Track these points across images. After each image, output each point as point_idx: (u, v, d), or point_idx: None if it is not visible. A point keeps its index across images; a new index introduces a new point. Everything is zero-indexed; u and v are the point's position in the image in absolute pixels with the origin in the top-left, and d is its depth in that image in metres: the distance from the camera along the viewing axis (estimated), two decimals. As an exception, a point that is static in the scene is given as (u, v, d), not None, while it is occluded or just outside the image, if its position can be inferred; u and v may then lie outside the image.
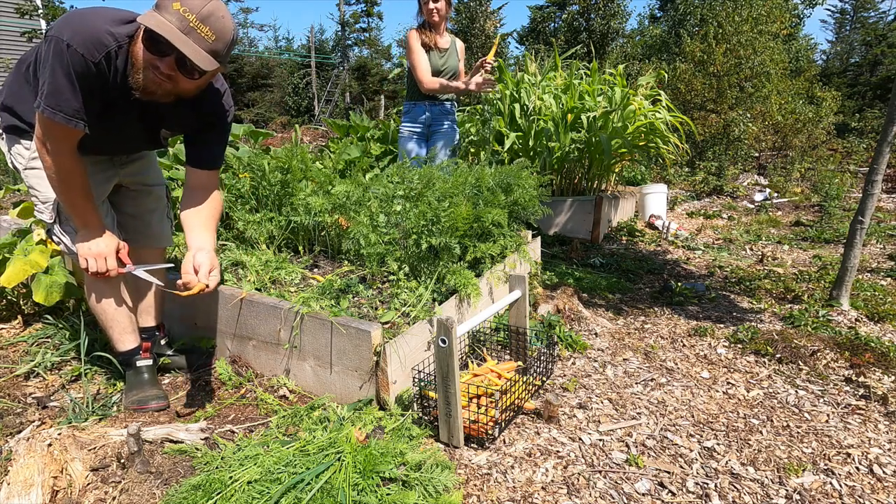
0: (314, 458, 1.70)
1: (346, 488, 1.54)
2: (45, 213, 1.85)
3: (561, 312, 3.18)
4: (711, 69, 10.00)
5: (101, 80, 1.47)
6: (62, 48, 1.38)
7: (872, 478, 1.83)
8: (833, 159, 11.59)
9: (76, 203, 1.68)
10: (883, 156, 3.20)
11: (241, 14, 33.00)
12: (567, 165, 5.84)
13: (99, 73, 1.46)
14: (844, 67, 29.13)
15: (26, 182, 1.84)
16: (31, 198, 1.87)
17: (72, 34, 1.40)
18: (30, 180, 1.83)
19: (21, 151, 1.79)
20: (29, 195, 1.89)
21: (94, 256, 1.72)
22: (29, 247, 2.54)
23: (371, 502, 1.53)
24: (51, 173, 1.60)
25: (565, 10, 18.13)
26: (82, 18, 1.44)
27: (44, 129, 1.51)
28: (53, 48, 1.39)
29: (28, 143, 1.77)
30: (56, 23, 1.44)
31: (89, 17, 1.45)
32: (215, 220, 1.88)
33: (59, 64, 1.39)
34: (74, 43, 1.39)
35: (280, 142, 7.63)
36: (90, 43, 1.41)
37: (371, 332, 2.00)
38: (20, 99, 1.72)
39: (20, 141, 1.78)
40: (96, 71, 1.44)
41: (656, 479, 1.81)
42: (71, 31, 1.40)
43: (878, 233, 6.01)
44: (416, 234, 2.49)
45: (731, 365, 2.71)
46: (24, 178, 1.83)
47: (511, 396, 2.11)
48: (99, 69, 1.45)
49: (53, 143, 1.51)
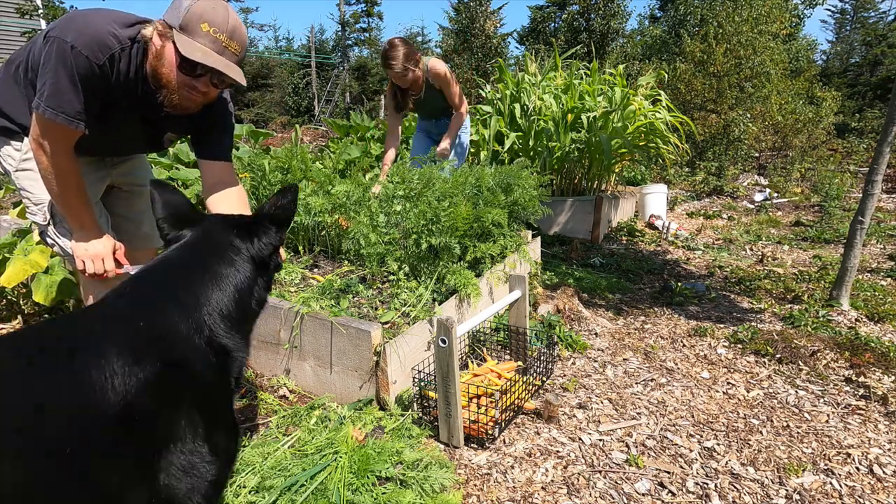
0: (311, 459, 1.70)
1: (340, 489, 1.54)
2: (37, 214, 1.82)
3: (561, 312, 3.18)
4: (711, 69, 10.00)
5: (104, 82, 1.48)
6: (65, 49, 1.38)
7: (872, 478, 1.83)
8: (833, 159, 11.59)
9: (72, 203, 1.66)
10: (883, 156, 3.20)
11: (241, 14, 33.03)
12: (567, 165, 5.84)
13: (102, 76, 1.46)
14: (844, 67, 29.14)
15: (17, 184, 1.79)
16: (23, 200, 1.83)
17: (76, 36, 1.39)
18: (21, 182, 1.78)
19: (11, 153, 1.75)
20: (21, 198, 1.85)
21: (92, 258, 1.70)
22: (29, 247, 2.54)
23: (366, 502, 1.53)
24: (47, 174, 1.58)
25: (565, 10, 18.12)
26: (85, 20, 1.44)
27: (42, 130, 1.50)
28: (56, 49, 1.38)
29: (18, 144, 1.73)
30: (57, 23, 1.43)
31: (92, 19, 1.44)
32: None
33: (62, 65, 1.39)
34: (78, 44, 1.39)
35: (280, 142, 7.63)
36: (94, 45, 1.41)
37: (371, 332, 2.00)
38: (9, 100, 1.68)
39: (9, 142, 1.74)
40: (100, 73, 1.45)
41: (656, 479, 1.81)
42: (75, 32, 1.40)
43: (878, 233, 6.01)
44: (416, 233, 2.49)
45: (731, 365, 2.71)
46: (15, 179, 1.79)
47: (511, 396, 2.11)
48: (103, 71, 1.45)
49: (52, 143, 1.50)
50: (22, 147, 1.74)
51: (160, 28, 1.47)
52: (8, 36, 11.85)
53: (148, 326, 0.95)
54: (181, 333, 0.98)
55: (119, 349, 0.87)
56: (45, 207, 1.80)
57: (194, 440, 0.94)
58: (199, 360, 0.98)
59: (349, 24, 28.11)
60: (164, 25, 1.47)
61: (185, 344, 0.97)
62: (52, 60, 1.39)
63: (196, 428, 0.94)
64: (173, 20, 1.45)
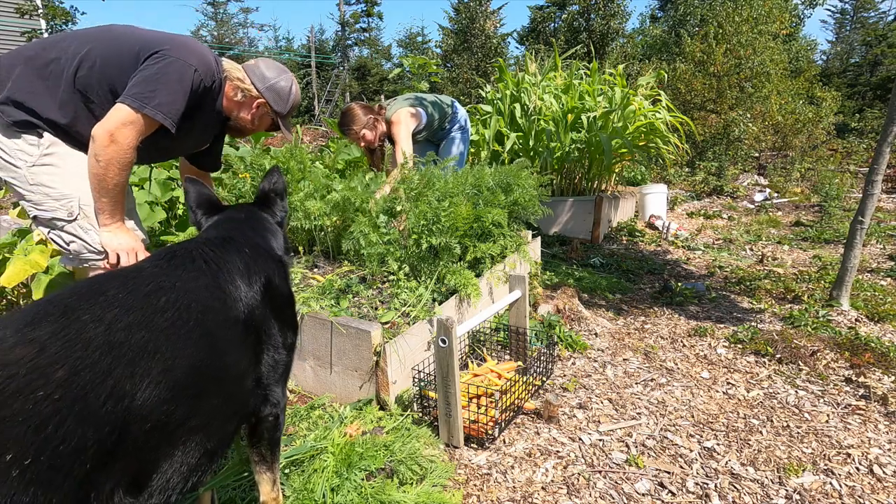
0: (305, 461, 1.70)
1: (327, 489, 1.56)
2: (58, 210, 1.76)
3: (561, 312, 3.18)
4: (711, 69, 10.00)
5: (201, 99, 1.79)
6: (189, 70, 1.71)
7: (872, 478, 1.83)
8: (833, 159, 11.58)
9: (118, 197, 1.74)
10: (883, 156, 3.21)
11: (241, 14, 33.07)
12: (567, 165, 5.85)
13: (204, 93, 1.78)
14: (844, 67, 29.12)
15: (32, 179, 1.73)
16: (36, 195, 1.75)
17: (198, 62, 1.73)
18: (38, 177, 1.73)
19: (24, 147, 1.71)
20: (24, 195, 1.79)
21: (127, 251, 1.77)
22: (29, 247, 2.54)
23: (353, 500, 1.54)
24: (111, 164, 1.66)
25: (565, 10, 18.11)
26: (200, 49, 1.79)
27: (129, 123, 1.64)
28: (176, 67, 1.69)
29: (34, 139, 1.71)
30: (168, 44, 1.71)
31: (204, 50, 1.80)
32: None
33: (179, 82, 1.69)
34: (201, 70, 1.73)
35: (280, 142, 7.62)
36: (209, 71, 1.77)
37: (371, 332, 2.00)
38: (34, 95, 1.69)
39: (22, 136, 1.70)
40: (203, 92, 1.78)
41: (656, 479, 1.81)
42: (197, 59, 1.73)
43: (878, 233, 6.01)
44: (416, 233, 2.49)
45: (731, 365, 2.71)
46: (29, 175, 1.73)
47: (511, 396, 2.11)
48: (210, 91, 1.81)
49: (133, 135, 1.67)
50: (41, 142, 1.72)
51: (256, 97, 1.91)
52: (8, 36, 11.84)
53: (249, 255, 1.29)
54: (264, 256, 1.35)
55: (239, 270, 1.21)
56: (72, 203, 1.76)
57: (279, 335, 1.27)
58: (275, 274, 1.33)
59: (349, 24, 28.13)
60: (265, 103, 1.93)
61: (268, 263, 1.33)
62: (172, 75, 1.68)
63: (280, 325, 1.28)
64: (277, 104, 1.93)
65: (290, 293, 1.40)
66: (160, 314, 0.98)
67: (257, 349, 1.21)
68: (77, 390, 0.81)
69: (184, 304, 1.03)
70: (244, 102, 1.92)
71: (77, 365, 0.82)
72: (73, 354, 0.83)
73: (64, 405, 0.78)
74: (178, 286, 1.07)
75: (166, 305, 1.00)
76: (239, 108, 1.94)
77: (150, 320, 0.96)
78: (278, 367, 1.28)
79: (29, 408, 0.76)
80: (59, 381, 0.80)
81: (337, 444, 1.74)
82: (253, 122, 1.97)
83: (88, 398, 0.81)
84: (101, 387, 0.83)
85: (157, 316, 0.98)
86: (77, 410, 0.79)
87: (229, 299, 1.15)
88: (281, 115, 1.96)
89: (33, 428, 0.75)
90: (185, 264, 1.15)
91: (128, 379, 0.87)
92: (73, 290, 0.98)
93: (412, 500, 1.57)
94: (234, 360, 1.12)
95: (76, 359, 0.83)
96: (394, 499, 1.56)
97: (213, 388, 1.04)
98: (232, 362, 1.11)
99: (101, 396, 0.83)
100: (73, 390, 0.80)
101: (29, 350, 0.81)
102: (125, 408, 0.86)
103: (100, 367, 0.85)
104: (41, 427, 0.76)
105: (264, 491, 1.37)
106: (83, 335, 0.87)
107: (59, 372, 0.80)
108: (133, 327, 0.93)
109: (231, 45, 29.01)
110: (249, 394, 1.20)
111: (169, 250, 1.22)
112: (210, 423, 1.04)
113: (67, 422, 0.78)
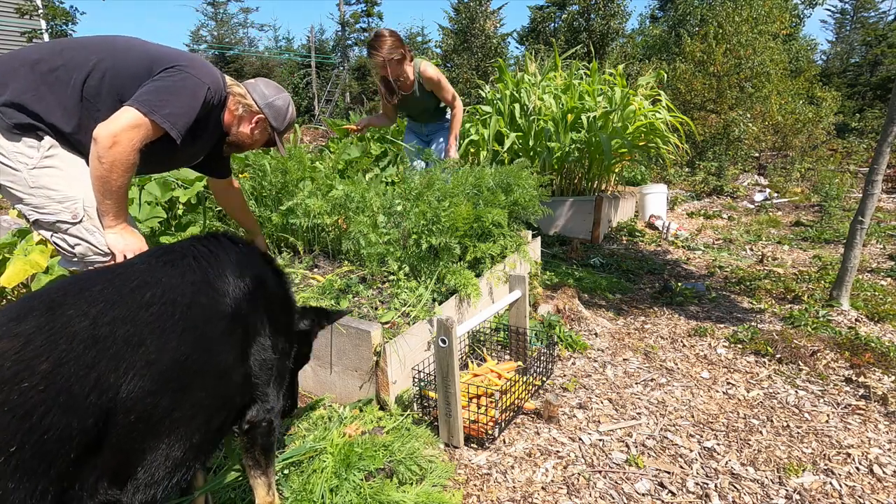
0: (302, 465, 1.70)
1: (326, 491, 1.55)
2: (62, 212, 1.75)
3: (561, 312, 3.18)
4: (711, 69, 10.00)
5: (208, 115, 1.87)
6: (202, 89, 1.78)
7: (872, 478, 1.83)
8: (833, 159, 11.58)
9: (122, 199, 1.75)
10: (883, 156, 3.20)
11: (241, 14, 33.01)
12: (567, 165, 5.84)
13: (210, 109, 1.85)
14: (844, 67, 29.10)
15: (33, 182, 1.72)
16: (37, 198, 1.74)
17: (211, 81, 1.82)
18: (40, 180, 1.72)
19: (24, 150, 1.70)
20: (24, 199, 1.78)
21: (133, 252, 1.76)
22: (29, 247, 2.54)
23: (352, 500, 1.54)
24: (115, 166, 1.67)
25: (565, 10, 18.10)
26: (212, 69, 1.88)
27: (135, 126, 1.66)
28: (191, 83, 1.76)
29: (34, 142, 1.70)
30: (185, 61, 1.80)
31: (215, 69, 1.90)
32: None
33: (192, 98, 1.76)
34: (212, 87, 1.82)
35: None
36: (218, 89, 1.86)
37: (371, 332, 2.00)
38: (38, 98, 1.69)
39: (22, 139, 1.70)
40: (210, 108, 1.85)
41: (656, 479, 1.81)
42: (210, 78, 1.82)
43: (878, 233, 6.01)
44: (416, 234, 2.49)
45: (731, 365, 2.71)
46: (30, 178, 1.72)
47: (511, 396, 2.11)
48: (216, 107, 1.88)
49: (138, 138, 1.68)
50: (41, 144, 1.72)
51: (256, 112, 1.99)
52: (8, 36, 11.84)
53: (240, 258, 1.31)
54: (258, 260, 1.38)
55: (231, 266, 1.23)
56: (76, 204, 1.75)
57: (270, 336, 1.29)
58: (269, 277, 1.37)
59: (349, 24, 28.11)
60: (264, 119, 2.00)
61: (263, 266, 1.37)
62: (187, 91, 1.75)
63: (272, 328, 1.30)
64: (276, 121, 2.01)
65: (286, 299, 1.43)
66: (145, 309, 1.01)
67: (244, 344, 1.22)
68: (62, 382, 0.84)
69: (169, 299, 1.06)
70: (244, 117, 1.99)
71: (61, 358, 0.85)
72: (58, 348, 0.86)
73: (49, 396, 0.81)
74: (164, 282, 1.09)
75: (151, 300, 1.03)
76: (239, 122, 2.00)
77: (135, 315, 0.99)
78: (267, 365, 1.28)
79: (14, 398, 0.78)
80: (43, 372, 0.82)
81: (336, 444, 1.73)
82: (252, 136, 2.03)
83: (73, 390, 0.84)
84: (85, 379, 0.86)
85: (142, 311, 1.00)
86: (62, 401, 0.82)
87: (217, 294, 1.17)
88: (278, 132, 2.05)
89: (18, 417, 0.78)
90: (175, 261, 1.17)
91: (112, 371, 0.90)
92: (59, 286, 1.00)
93: (412, 500, 1.57)
94: (220, 353, 1.13)
95: (61, 352, 0.86)
96: (393, 499, 1.56)
97: (198, 381, 1.06)
98: (218, 356, 1.12)
99: (86, 388, 0.86)
100: (58, 382, 0.83)
101: (14, 343, 0.84)
102: (109, 399, 0.89)
103: (84, 359, 0.88)
104: (26, 416, 0.78)
105: (259, 495, 1.37)
106: (68, 329, 0.89)
107: (44, 364, 0.83)
108: (118, 321, 0.96)
109: (231, 45, 28.98)
110: (237, 389, 1.21)
111: (162, 248, 1.24)
112: (195, 416, 1.06)
113: (52, 412, 0.81)
